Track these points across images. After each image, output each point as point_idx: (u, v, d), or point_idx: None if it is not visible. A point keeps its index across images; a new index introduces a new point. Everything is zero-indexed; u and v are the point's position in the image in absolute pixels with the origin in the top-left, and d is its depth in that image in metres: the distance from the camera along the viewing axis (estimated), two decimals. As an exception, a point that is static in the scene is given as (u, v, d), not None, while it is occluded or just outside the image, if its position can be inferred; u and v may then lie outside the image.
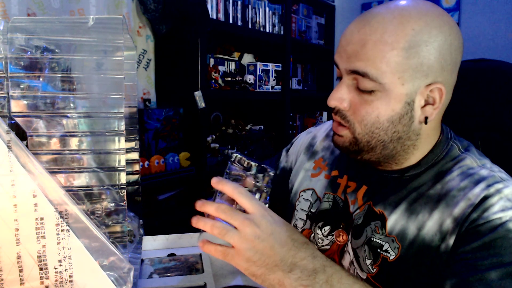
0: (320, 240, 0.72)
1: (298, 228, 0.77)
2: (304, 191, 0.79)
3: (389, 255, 0.61)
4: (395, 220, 0.62)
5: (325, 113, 3.03)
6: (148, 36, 1.92)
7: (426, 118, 0.59)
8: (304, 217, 0.76)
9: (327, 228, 0.71)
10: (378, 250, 0.62)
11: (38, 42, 0.47)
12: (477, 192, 0.56)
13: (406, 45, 0.54)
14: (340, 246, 0.69)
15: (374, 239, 0.63)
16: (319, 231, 0.72)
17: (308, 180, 0.79)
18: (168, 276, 0.72)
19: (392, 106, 0.57)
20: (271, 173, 0.57)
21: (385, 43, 0.54)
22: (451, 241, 0.56)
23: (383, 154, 0.62)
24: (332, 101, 0.62)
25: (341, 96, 0.61)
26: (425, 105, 0.58)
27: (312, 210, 0.75)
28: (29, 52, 0.47)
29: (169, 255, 0.81)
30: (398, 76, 0.55)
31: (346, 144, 0.63)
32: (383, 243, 0.62)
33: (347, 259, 0.67)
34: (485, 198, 0.55)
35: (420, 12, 0.55)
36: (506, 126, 0.72)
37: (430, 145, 0.63)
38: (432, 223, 0.58)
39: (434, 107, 0.58)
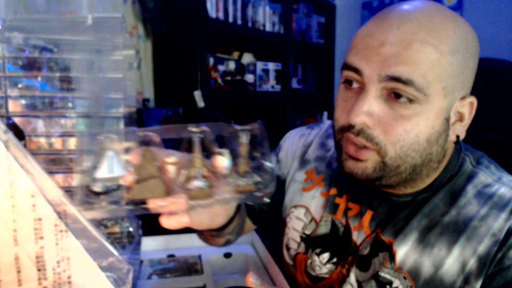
0: (317, 268, 0.64)
1: (292, 249, 0.69)
2: (295, 207, 0.69)
3: None
4: (405, 253, 0.54)
5: (325, 113, 3.03)
6: (140, 36, 1.92)
7: (457, 137, 0.52)
8: (298, 239, 0.68)
9: (326, 255, 0.63)
10: (387, 287, 0.55)
11: (36, 41, 0.47)
12: (501, 224, 0.50)
13: (450, 49, 0.47)
14: (341, 277, 0.61)
15: (382, 274, 0.55)
16: (316, 258, 0.64)
17: (299, 195, 0.69)
18: (167, 277, 0.72)
19: (432, 122, 0.48)
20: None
21: (431, 45, 0.46)
22: (477, 285, 0.49)
23: (405, 179, 0.53)
24: (360, 117, 0.48)
25: (369, 110, 0.48)
26: (454, 122, 0.52)
27: (306, 232, 0.67)
28: (27, 51, 0.46)
29: (168, 256, 0.81)
30: (442, 86, 0.47)
31: (368, 171, 0.51)
32: (393, 279, 0.54)
33: None
34: (510, 232, 0.49)
35: (453, 15, 0.50)
36: (507, 126, 0.71)
37: (444, 163, 0.57)
38: (452, 261, 0.51)
39: (463, 124, 0.52)
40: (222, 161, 0.40)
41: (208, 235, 0.62)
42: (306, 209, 0.67)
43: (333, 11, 3.04)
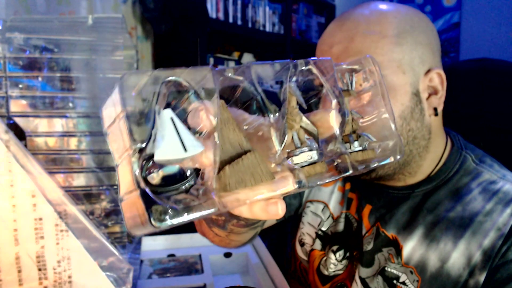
0: (332, 266, 0.64)
1: (307, 245, 0.69)
2: (311, 202, 0.69)
3: None
4: (412, 248, 0.55)
5: (325, 113, 3.02)
6: (139, 37, 1.93)
7: (435, 109, 0.55)
8: (313, 235, 0.68)
9: (341, 252, 0.64)
10: (395, 282, 0.55)
11: (37, 41, 0.47)
12: (506, 219, 0.51)
13: (395, 31, 0.52)
14: (352, 273, 0.62)
15: (389, 269, 0.56)
16: (332, 256, 0.64)
17: (316, 189, 0.69)
18: (168, 276, 0.72)
19: (400, 99, 0.52)
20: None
21: (374, 33, 0.52)
22: (481, 278, 0.50)
23: (400, 163, 0.55)
24: None
25: None
26: (429, 97, 0.55)
27: (322, 229, 0.67)
28: (27, 52, 0.46)
29: (169, 255, 0.81)
30: (396, 65, 0.52)
31: None
32: (400, 273, 0.55)
33: None
34: None
35: (394, 5, 0.56)
36: (507, 126, 0.71)
37: (439, 150, 0.58)
38: (458, 255, 0.52)
39: (438, 96, 0.55)
40: (334, 118, 0.27)
41: (242, 224, 0.50)
42: (325, 204, 0.68)
43: (332, 11, 3.04)
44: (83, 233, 0.47)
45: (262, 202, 0.26)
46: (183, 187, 0.23)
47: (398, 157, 0.30)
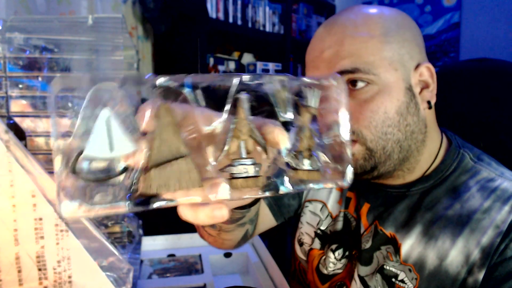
0: (331, 265, 0.64)
1: (306, 244, 0.69)
2: (309, 201, 0.70)
3: (406, 287, 0.55)
4: (410, 246, 0.55)
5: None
6: (139, 37, 1.93)
7: (429, 102, 0.55)
8: (312, 234, 0.68)
9: (340, 251, 0.64)
10: (393, 280, 0.56)
11: (37, 41, 0.47)
12: (504, 216, 0.51)
13: (382, 31, 0.54)
14: (352, 272, 0.62)
15: (388, 267, 0.56)
16: (331, 255, 0.64)
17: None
18: (168, 276, 0.72)
19: (396, 95, 0.53)
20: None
21: (362, 34, 0.53)
22: (480, 275, 0.50)
23: (400, 159, 0.55)
24: None
25: None
26: (421, 91, 0.56)
27: (321, 228, 0.67)
28: (27, 52, 0.46)
29: (169, 255, 0.81)
30: (388, 62, 0.53)
31: (360, 162, 0.54)
32: (398, 271, 0.56)
33: (354, 287, 0.60)
34: None
35: (377, 7, 0.57)
36: (507, 126, 0.71)
37: (435, 145, 0.58)
38: (457, 253, 0.52)
39: (430, 89, 0.56)
40: (282, 136, 0.27)
41: (226, 222, 0.54)
42: (323, 204, 0.69)
43: (332, 11, 3.04)
44: (83, 233, 0.47)
45: (208, 209, 0.28)
46: (109, 181, 0.25)
47: (345, 184, 0.30)
